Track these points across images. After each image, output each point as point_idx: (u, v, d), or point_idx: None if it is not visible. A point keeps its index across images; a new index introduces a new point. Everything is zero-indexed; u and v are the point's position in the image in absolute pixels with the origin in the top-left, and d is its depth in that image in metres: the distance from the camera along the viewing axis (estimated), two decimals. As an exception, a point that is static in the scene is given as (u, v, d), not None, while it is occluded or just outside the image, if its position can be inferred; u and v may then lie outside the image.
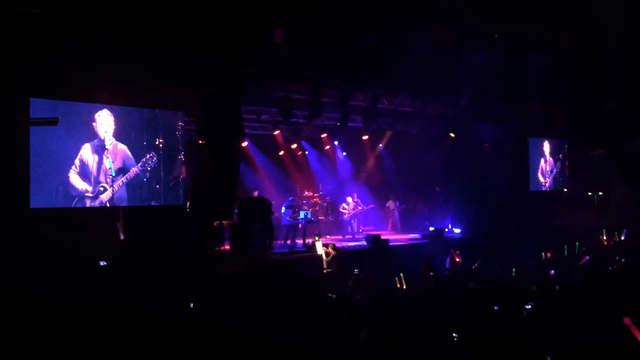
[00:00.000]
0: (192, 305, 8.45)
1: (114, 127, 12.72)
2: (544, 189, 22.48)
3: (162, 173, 13.18)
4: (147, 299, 8.47)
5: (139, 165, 12.79)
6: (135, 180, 12.77)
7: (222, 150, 14.26)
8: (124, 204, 12.71)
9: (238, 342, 6.62)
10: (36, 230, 11.31)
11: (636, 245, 15.82)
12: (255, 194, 18.64)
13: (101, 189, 12.41)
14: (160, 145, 13.27)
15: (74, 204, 12.09)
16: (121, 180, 12.72)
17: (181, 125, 13.57)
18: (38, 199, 11.68)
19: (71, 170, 12.13)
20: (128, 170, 12.84)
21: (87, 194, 12.25)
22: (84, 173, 12.23)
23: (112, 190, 12.54)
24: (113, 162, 12.61)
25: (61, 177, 11.97)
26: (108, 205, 12.56)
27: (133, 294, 8.77)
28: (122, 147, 12.81)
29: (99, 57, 11.51)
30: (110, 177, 12.53)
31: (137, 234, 12.71)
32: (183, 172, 13.51)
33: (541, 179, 22.39)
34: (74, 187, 12.09)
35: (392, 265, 14.43)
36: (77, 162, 12.22)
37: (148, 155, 12.91)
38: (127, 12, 11.17)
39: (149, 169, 12.80)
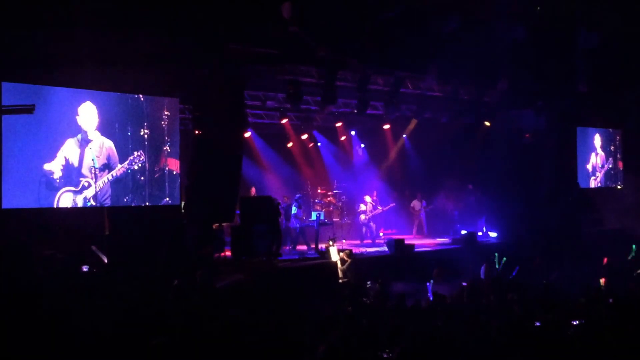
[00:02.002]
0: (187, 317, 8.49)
1: (97, 119, 13.06)
2: (594, 185, 22.37)
3: (147, 165, 13.59)
4: (136, 308, 8.53)
5: (125, 163, 13.24)
6: (120, 174, 13.26)
7: (221, 141, 14.26)
8: (109, 199, 13.11)
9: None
10: (12, 230, 11.49)
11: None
12: (253, 191, 18.66)
13: (85, 184, 12.83)
14: (145, 137, 13.64)
15: (57, 196, 12.52)
16: (106, 177, 13.10)
17: (167, 114, 13.89)
18: (20, 191, 12.08)
19: (54, 162, 12.49)
20: (113, 167, 13.22)
21: (70, 187, 12.67)
22: (67, 166, 12.64)
23: (96, 186, 12.90)
24: (97, 156, 12.97)
25: (43, 168, 12.33)
26: (92, 201, 12.89)
27: (119, 302, 8.85)
28: (107, 141, 13.16)
29: (82, 36, 11.56)
30: (94, 171, 12.87)
31: (125, 237, 12.78)
32: (169, 164, 13.91)
33: (591, 174, 22.28)
34: (57, 180, 12.51)
35: (418, 274, 14.44)
36: (60, 155, 12.58)
37: (136, 154, 13.38)
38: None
39: (135, 167, 13.32)
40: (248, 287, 12.30)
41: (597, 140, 22.70)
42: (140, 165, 13.31)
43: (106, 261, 12.19)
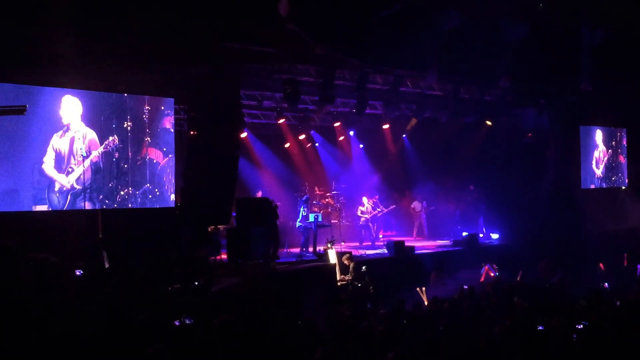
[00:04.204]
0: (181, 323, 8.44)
1: (81, 110, 13.57)
2: (597, 184, 22.38)
3: (129, 154, 14.25)
4: (130, 314, 8.48)
5: (101, 147, 13.88)
6: (103, 160, 13.95)
7: (217, 142, 14.25)
8: (93, 183, 13.75)
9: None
10: (4, 233, 11.47)
11: None
12: (259, 194, 18.63)
13: (70, 169, 13.42)
14: (128, 129, 14.21)
15: (47, 186, 13.16)
16: (87, 161, 13.61)
17: (148, 109, 14.46)
18: (16, 180, 12.75)
19: (45, 160, 13.05)
20: (94, 151, 13.83)
21: (60, 175, 13.32)
22: (58, 161, 13.24)
23: (83, 168, 13.46)
24: (82, 144, 13.52)
25: (36, 156, 12.99)
26: (76, 184, 13.44)
27: (113, 308, 8.79)
28: (90, 131, 13.72)
29: (72, 35, 11.51)
30: (81, 158, 13.45)
31: (119, 240, 12.76)
32: (149, 153, 14.52)
33: (595, 171, 22.31)
34: (48, 169, 13.18)
35: (418, 277, 14.42)
36: (49, 151, 13.10)
37: (110, 139, 13.98)
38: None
39: (111, 151, 13.99)
40: (245, 291, 12.26)
41: (599, 135, 22.73)
42: (114, 148, 14.00)
43: (107, 266, 12.24)
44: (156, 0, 11.92)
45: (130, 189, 14.24)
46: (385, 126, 21.16)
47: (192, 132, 14.71)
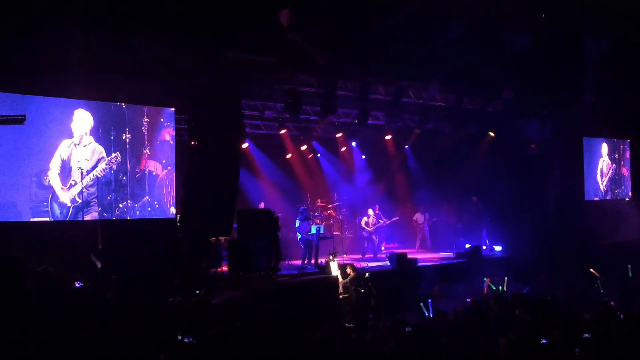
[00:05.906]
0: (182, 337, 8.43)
1: (92, 125, 13.73)
2: (600, 196, 22.37)
3: (128, 166, 14.37)
4: (129, 328, 8.48)
5: (104, 163, 14.02)
6: (104, 174, 14.06)
7: (218, 152, 14.25)
8: (95, 197, 13.88)
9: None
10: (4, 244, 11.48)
11: None
12: (262, 205, 18.61)
13: (73, 182, 13.52)
14: (127, 140, 14.33)
15: (50, 195, 13.25)
16: (89, 176, 13.75)
17: (147, 121, 14.61)
18: (12, 191, 12.81)
19: (50, 170, 13.21)
20: (97, 166, 13.94)
21: (61, 185, 13.40)
22: (63, 170, 13.39)
23: (82, 183, 13.57)
24: (87, 159, 13.68)
25: (35, 168, 13.07)
26: (78, 198, 13.54)
27: (112, 321, 8.79)
28: (94, 144, 13.85)
29: (73, 45, 11.55)
30: (80, 171, 13.54)
31: (118, 252, 12.75)
32: (149, 165, 14.67)
33: (599, 184, 22.32)
34: (48, 179, 13.26)
35: (421, 290, 14.39)
36: (56, 159, 13.27)
37: (113, 155, 14.12)
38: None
39: (114, 167, 14.13)
40: (246, 304, 12.24)
41: (605, 148, 22.78)
42: (116, 165, 14.13)
43: (99, 266, 12.29)
44: (158, 11, 11.96)
45: (129, 201, 14.26)
46: (388, 137, 21.15)
47: (192, 143, 14.71)
